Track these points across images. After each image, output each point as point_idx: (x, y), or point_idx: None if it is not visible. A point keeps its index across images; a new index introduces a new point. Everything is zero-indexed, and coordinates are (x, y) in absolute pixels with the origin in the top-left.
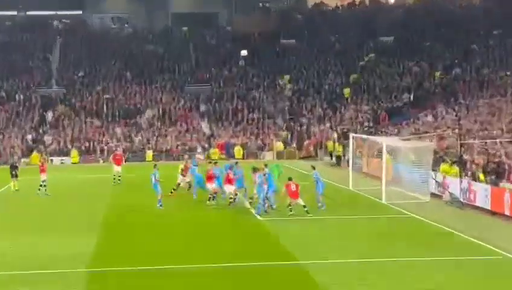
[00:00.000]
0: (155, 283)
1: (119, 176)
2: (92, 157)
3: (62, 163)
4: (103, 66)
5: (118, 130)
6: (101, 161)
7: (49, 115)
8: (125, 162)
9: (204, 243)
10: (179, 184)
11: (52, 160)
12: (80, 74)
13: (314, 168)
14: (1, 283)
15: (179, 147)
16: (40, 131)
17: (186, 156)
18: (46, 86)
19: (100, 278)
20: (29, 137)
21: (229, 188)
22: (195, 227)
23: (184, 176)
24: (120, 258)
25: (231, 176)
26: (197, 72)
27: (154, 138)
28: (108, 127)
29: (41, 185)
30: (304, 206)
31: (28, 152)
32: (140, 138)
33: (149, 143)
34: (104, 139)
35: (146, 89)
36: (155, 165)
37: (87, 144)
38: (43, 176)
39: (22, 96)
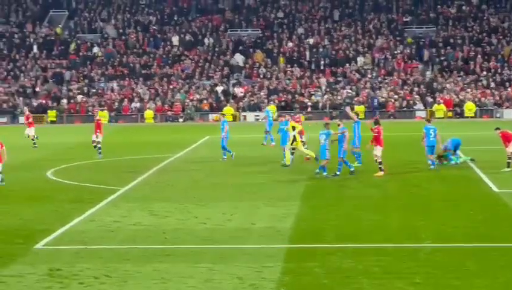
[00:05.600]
0: (374, 262)
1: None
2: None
3: (257, 120)
4: (305, 5)
5: (323, 81)
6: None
7: (241, 63)
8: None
9: (430, 217)
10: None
11: (245, 116)
12: (278, 15)
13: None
14: (194, 254)
15: (396, 103)
16: (231, 81)
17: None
18: (238, 28)
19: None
20: (219, 89)
21: None
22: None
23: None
24: (325, 233)
25: None
26: (419, 11)
27: (366, 90)
28: (312, 77)
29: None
30: None
31: (217, 106)
32: (348, 90)
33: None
34: (306, 92)
35: (357, 32)
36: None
37: (286, 97)
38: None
39: (211, 40)
